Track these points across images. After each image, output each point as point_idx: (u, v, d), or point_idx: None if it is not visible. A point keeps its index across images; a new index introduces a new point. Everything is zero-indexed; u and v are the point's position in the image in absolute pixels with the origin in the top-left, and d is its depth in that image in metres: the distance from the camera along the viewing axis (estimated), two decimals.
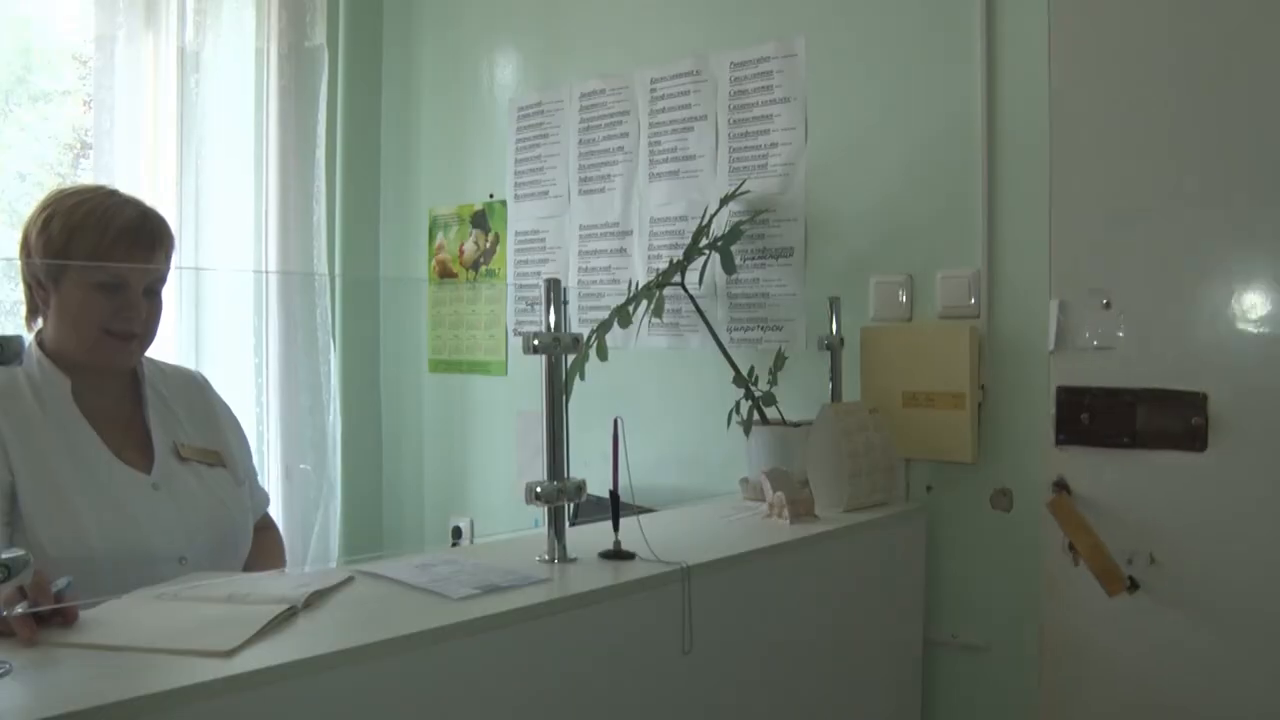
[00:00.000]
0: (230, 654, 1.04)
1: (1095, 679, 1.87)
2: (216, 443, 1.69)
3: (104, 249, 1.51)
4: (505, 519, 2.83)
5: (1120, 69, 1.85)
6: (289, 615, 1.19)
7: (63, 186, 1.62)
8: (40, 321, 1.58)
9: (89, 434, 1.53)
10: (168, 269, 1.61)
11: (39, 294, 1.56)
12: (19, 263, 1.58)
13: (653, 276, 2.37)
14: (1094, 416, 1.85)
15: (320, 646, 1.09)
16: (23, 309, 1.61)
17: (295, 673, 1.04)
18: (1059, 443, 1.89)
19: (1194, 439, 1.76)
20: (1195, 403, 1.76)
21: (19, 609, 1.08)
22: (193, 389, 1.73)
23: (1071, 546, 1.85)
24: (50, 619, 1.11)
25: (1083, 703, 1.89)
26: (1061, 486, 1.88)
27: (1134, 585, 1.81)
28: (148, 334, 1.59)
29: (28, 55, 2.75)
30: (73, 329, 1.53)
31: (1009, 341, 2.01)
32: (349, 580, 1.37)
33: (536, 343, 1.46)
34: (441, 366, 3.09)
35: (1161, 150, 1.82)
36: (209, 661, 1.03)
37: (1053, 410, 1.90)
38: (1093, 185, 1.88)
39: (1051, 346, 1.90)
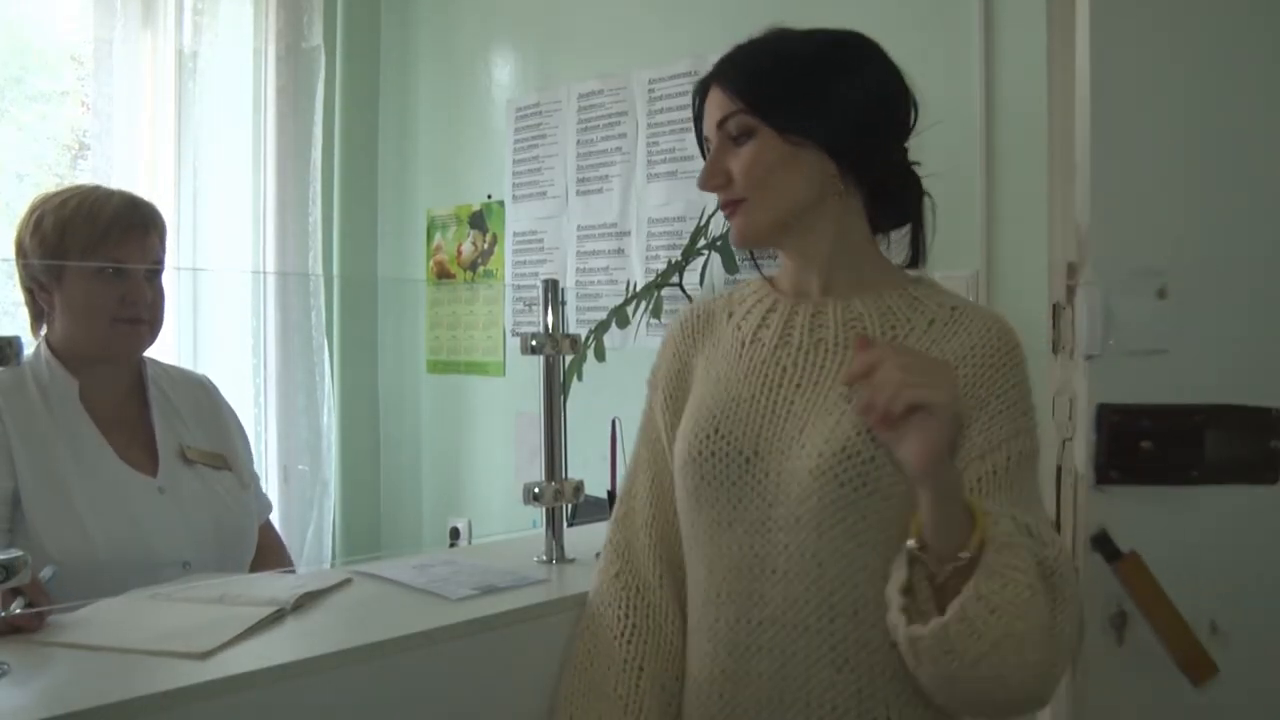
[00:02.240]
0: (205, 656, 1.04)
1: None
2: (222, 446, 1.68)
3: (98, 238, 1.51)
4: (503, 520, 2.82)
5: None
6: (276, 617, 1.18)
7: (48, 191, 1.62)
8: (45, 325, 1.57)
9: (95, 436, 1.52)
10: (163, 252, 1.60)
11: (41, 296, 1.55)
12: (17, 270, 1.57)
13: (651, 277, 2.37)
14: (1155, 444, 1.45)
15: (310, 649, 1.09)
16: (27, 315, 1.60)
17: (278, 676, 1.04)
18: (1101, 481, 1.46)
19: (1267, 468, 1.44)
20: (1268, 422, 1.45)
21: (16, 606, 1.08)
22: (198, 391, 1.73)
23: (1116, 620, 1.46)
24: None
25: None
26: (1104, 542, 1.45)
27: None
28: (155, 319, 1.59)
29: (25, 55, 2.75)
30: (81, 323, 1.53)
31: None
32: (346, 581, 1.36)
33: (534, 343, 1.46)
34: (439, 367, 3.09)
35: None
36: (186, 664, 1.02)
37: (1090, 436, 1.46)
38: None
39: (1088, 349, 1.48)
